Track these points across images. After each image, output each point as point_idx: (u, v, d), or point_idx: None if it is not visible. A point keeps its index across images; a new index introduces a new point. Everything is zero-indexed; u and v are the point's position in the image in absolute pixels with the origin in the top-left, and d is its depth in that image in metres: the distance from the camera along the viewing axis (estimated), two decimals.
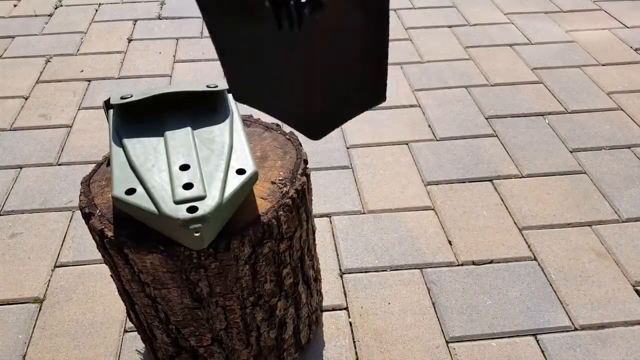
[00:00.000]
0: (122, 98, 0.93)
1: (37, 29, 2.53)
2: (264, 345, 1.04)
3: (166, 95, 0.94)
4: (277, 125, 1.06)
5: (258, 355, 1.05)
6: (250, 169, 0.83)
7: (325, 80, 0.62)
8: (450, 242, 1.49)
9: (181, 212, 0.75)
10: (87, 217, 0.86)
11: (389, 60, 2.26)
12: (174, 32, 2.50)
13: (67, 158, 1.79)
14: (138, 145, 0.88)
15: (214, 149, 0.87)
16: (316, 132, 0.70)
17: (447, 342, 1.24)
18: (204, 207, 0.76)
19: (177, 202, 0.77)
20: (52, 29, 2.53)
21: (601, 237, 1.49)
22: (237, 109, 0.96)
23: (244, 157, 0.86)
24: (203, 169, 0.83)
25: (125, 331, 1.28)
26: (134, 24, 2.57)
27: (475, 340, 1.25)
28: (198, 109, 0.96)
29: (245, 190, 0.83)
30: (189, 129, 0.91)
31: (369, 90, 0.64)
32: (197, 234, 0.74)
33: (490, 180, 1.69)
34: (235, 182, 0.81)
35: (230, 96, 0.98)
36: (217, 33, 0.60)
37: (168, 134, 0.90)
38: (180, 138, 0.89)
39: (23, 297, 1.35)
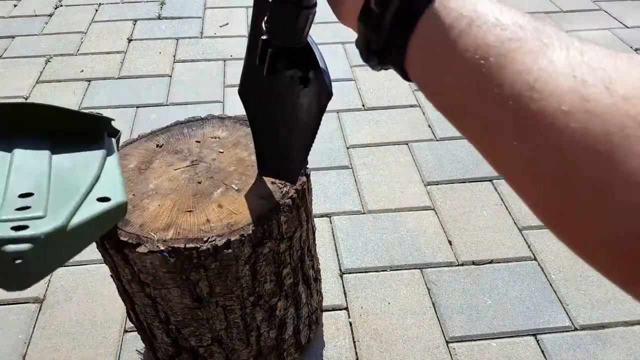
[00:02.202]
0: None
1: (37, 29, 2.53)
2: (264, 345, 1.04)
3: (29, 109, 0.79)
4: None
5: (258, 355, 1.05)
6: (117, 198, 0.71)
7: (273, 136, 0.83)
8: (450, 242, 1.49)
9: (2, 229, 0.56)
10: None
11: None
12: (174, 32, 2.50)
13: None
14: None
15: (74, 178, 0.72)
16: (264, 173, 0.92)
17: (447, 342, 1.24)
18: (38, 227, 0.57)
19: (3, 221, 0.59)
20: (52, 29, 2.53)
21: None
22: (117, 146, 0.86)
23: (111, 187, 0.73)
24: (52, 196, 0.66)
25: (125, 331, 1.28)
26: (134, 24, 2.57)
27: (475, 340, 1.25)
28: (68, 134, 0.80)
29: (108, 222, 0.69)
30: (46, 152, 0.75)
31: (294, 162, 0.85)
32: (18, 261, 0.53)
33: (490, 180, 1.69)
34: (91, 209, 0.66)
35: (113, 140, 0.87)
36: (251, 118, 0.86)
37: (17, 152, 0.73)
38: (30, 161, 0.72)
39: (23, 297, 1.35)
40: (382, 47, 0.34)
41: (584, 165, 0.22)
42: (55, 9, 2.71)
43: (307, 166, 0.96)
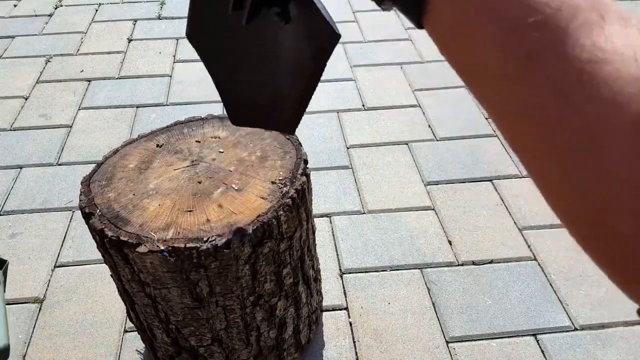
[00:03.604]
0: None
1: (37, 29, 2.53)
2: (264, 345, 1.04)
3: None
4: None
5: (258, 355, 1.05)
6: None
7: (263, 78, 0.67)
8: (450, 242, 1.49)
9: None
10: (87, 217, 0.86)
11: (390, 60, 2.27)
12: (174, 32, 2.50)
13: (67, 158, 1.79)
14: None
15: None
16: (236, 121, 0.74)
17: (447, 342, 1.24)
18: None
19: None
20: (52, 29, 2.53)
21: None
22: (4, 278, 0.80)
23: None
24: None
25: (125, 331, 1.28)
26: (134, 24, 2.57)
27: (475, 340, 1.25)
28: None
29: None
30: None
31: (284, 112, 0.70)
32: None
33: (490, 180, 1.69)
34: None
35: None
36: (211, 67, 0.67)
37: None
38: None
39: (23, 297, 1.35)
40: None
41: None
42: (55, 9, 2.71)
43: (307, 166, 0.96)
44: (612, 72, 0.20)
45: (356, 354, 1.22)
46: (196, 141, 1.01)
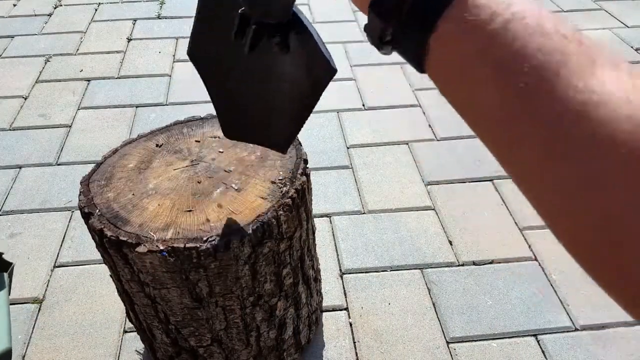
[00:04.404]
0: None
1: (37, 28, 2.52)
2: (263, 345, 1.04)
3: None
4: None
5: (258, 356, 1.05)
6: (1, 346, 0.68)
7: (258, 101, 0.70)
8: (450, 242, 1.48)
9: None
10: (86, 216, 0.85)
11: (390, 60, 2.26)
12: (174, 32, 2.49)
13: (67, 158, 1.79)
14: None
15: None
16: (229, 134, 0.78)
17: (448, 343, 1.24)
18: None
19: None
20: (51, 29, 2.52)
21: None
22: (9, 281, 0.81)
23: None
24: None
25: (125, 331, 1.27)
26: (134, 24, 2.57)
27: (475, 340, 1.25)
28: None
29: None
30: None
31: (278, 133, 0.73)
32: None
33: (491, 180, 1.69)
34: None
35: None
36: (210, 85, 0.73)
37: None
38: None
39: (22, 297, 1.34)
40: (396, 39, 0.30)
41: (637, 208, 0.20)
42: (55, 8, 2.71)
43: (307, 166, 0.96)
44: (607, 113, 0.21)
45: (356, 355, 1.22)
46: (196, 141, 1.00)
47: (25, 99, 2.07)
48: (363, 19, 2.56)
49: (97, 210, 0.85)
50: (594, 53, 0.23)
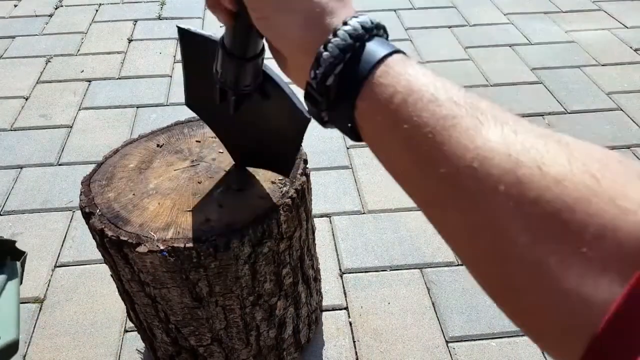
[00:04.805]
0: None
1: (38, 29, 2.53)
2: (263, 344, 1.04)
3: None
4: None
5: (257, 355, 1.05)
6: (7, 336, 0.68)
7: (251, 136, 0.82)
8: None
9: None
10: (87, 216, 0.86)
11: None
12: (175, 32, 2.50)
13: (68, 158, 1.79)
14: None
15: None
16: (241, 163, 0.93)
17: (447, 342, 1.25)
18: None
19: None
20: (52, 29, 2.53)
21: None
22: (22, 270, 0.82)
23: (4, 322, 0.71)
24: None
25: (126, 331, 1.28)
26: (134, 24, 2.57)
27: (475, 340, 1.25)
28: None
29: None
30: None
31: (277, 161, 0.85)
32: None
33: None
34: None
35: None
36: (212, 126, 0.90)
37: None
38: None
39: (23, 297, 1.35)
40: (332, 120, 0.37)
41: (521, 246, 0.23)
42: (56, 9, 2.71)
43: (307, 166, 0.96)
44: (493, 166, 0.25)
45: (356, 354, 1.22)
46: (196, 141, 1.01)
47: (26, 99, 2.07)
48: None
49: (98, 210, 0.86)
50: (482, 114, 0.27)
